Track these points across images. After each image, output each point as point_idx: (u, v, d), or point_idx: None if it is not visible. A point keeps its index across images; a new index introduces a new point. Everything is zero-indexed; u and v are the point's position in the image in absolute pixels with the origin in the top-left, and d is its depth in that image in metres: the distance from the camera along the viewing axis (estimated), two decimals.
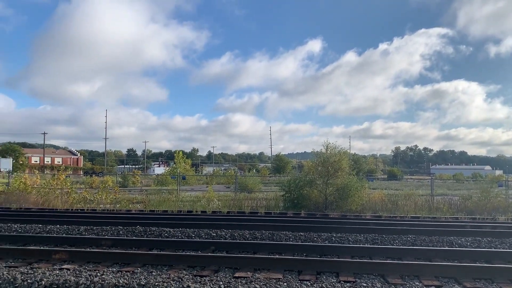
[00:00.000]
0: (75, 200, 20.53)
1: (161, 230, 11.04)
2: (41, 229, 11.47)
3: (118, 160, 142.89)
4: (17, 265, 7.35)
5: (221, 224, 11.88)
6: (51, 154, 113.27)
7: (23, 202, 19.34)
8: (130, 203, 21.04)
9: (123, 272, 6.88)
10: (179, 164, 51.84)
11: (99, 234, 10.87)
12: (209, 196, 21.41)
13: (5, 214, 14.91)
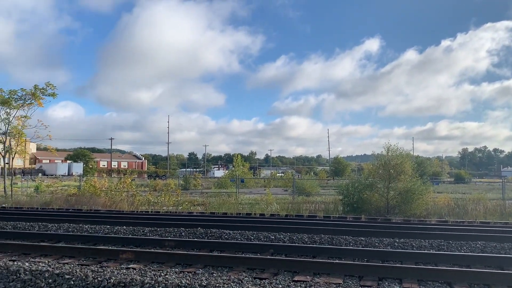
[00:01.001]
0: (140, 202, 21.45)
1: (221, 232, 11.24)
2: (109, 230, 12.09)
3: (180, 163, 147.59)
4: (88, 264, 7.81)
5: (279, 227, 11.88)
6: (118, 158, 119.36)
7: (93, 204, 20.51)
8: (192, 205, 21.62)
9: (186, 272, 7.08)
10: (237, 167, 52.61)
11: (163, 235, 11.27)
12: (267, 199, 21.50)
13: (77, 215, 15.90)
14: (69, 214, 16.44)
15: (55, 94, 26.66)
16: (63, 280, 6.69)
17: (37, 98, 26.02)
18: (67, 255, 8.55)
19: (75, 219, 14.02)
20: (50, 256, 8.55)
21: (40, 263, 7.62)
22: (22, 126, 26.38)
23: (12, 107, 25.69)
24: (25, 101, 26.01)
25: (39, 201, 22.45)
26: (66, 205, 20.58)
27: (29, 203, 21.72)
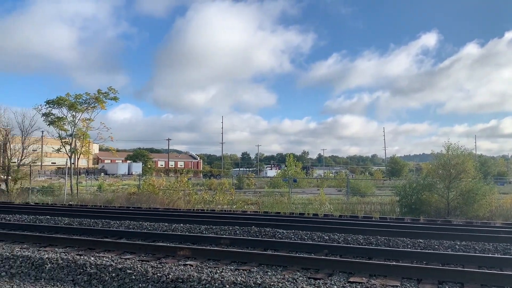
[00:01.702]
0: (196, 200, 22.03)
1: (275, 231, 11.31)
2: (167, 227, 12.53)
3: (233, 163, 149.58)
4: (148, 259, 8.14)
5: (333, 228, 11.75)
6: (175, 158, 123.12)
7: (152, 202, 21.32)
8: (245, 204, 21.89)
9: (241, 270, 7.20)
10: (290, 167, 52.52)
11: (218, 233, 11.51)
12: (321, 199, 21.31)
13: (137, 213, 16.60)
14: (129, 212, 17.20)
15: (116, 97, 28.08)
16: (125, 274, 7.04)
17: (100, 102, 27.49)
18: (128, 251, 8.98)
19: (135, 217, 14.65)
20: (113, 251, 9.01)
21: (104, 257, 8.05)
22: (87, 128, 27.99)
23: (77, 110, 27.32)
24: (89, 104, 27.58)
25: (102, 199, 23.65)
26: (127, 203, 21.55)
27: (93, 201, 22.96)
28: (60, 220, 14.33)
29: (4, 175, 29.08)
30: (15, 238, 10.46)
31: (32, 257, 7.93)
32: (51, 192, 28.67)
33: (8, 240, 10.29)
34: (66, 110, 27.47)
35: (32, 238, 10.32)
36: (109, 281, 7.00)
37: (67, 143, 28.01)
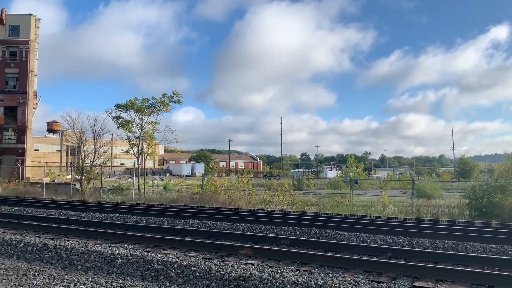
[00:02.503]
0: (256, 201, 22.28)
1: (336, 233, 11.19)
2: (229, 227, 12.82)
3: (293, 164, 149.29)
4: (211, 257, 8.39)
5: (397, 231, 11.41)
6: (235, 159, 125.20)
7: (214, 201, 21.87)
8: (305, 205, 21.80)
9: (301, 271, 7.22)
10: (351, 167, 51.49)
11: (278, 233, 11.59)
12: (384, 201, 20.72)
13: (201, 212, 17.11)
14: (193, 211, 17.77)
15: (180, 101, 29.16)
16: (190, 271, 7.31)
17: (165, 105, 28.68)
18: (192, 249, 9.30)
19: (199, 216, 15.11)
20: (178, 249, 9.37)
21: (170, 254, 8.41)
22: (153, 131, 29.30)
23: (144, 113, 28.69)
24: (155, 108, 28.86)
25: (167, 198, 24.61)
26: (191, 203, 22.26)
27: (159, 200, 23.97)
28: (129, 218, 15.12)
29: (79, 175, 31.15)
30: (89, 234, 11.19)
31: (105, 252, 8.45)
32: (120, 192, 30.28)
33: (83, 236, 11.04)
34: (134, 114, 28.98)
35: (104, 235, 10.99)
36: (174, 277, 7.31)
37: (135, 145, 29.49)
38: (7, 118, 52.05)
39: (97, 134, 31.84)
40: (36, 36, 54.39)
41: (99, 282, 7.13)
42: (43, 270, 8.01)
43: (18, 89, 52.00)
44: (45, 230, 12.00)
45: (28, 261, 8.83)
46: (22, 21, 53.10)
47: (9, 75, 52.45)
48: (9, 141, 52.05)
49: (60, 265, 8.41)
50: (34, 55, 53.74)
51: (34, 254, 9.05)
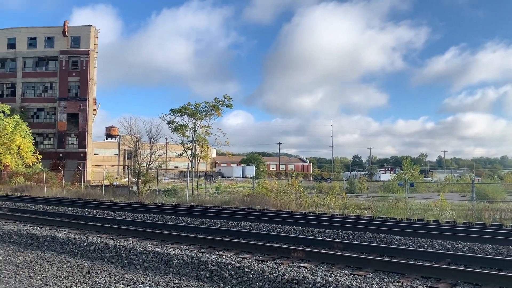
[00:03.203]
0: (307, 203, 22.15)
1: (391, 237, 10.90)
2: (281, 229, 12.83)
3: (344, 166, 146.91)
4: (263, 259, 8.45)
5: (456, 236, 10.94)
6: (285, 161, 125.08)
7: (265, 204, 21.98)
8: (358, 209, 21.40)
9: (356, 275, 7.10)
10: (406, 170, 49.86)
11: (331, 237, 11.47)
12: (441, 205, 19.91)
13: (252, 214, 17.26)
14: (245, 213, 17.96)
15: (231, 104, 29.66)
16: (243, 273, 7.40)
17: (217, 109, 29.28)
18: (245, 250, 9.41)
19: (250, 218, 15.25)
20: (231, 250, 9.52)
21: (223, 256, 8.55)
22: (206, 134, 29.97)
23: (197, 118, 29.44)
24: (207, 112, 29.53)
25: (220, 200, 25.05)
26: (242, 205, 22.51)
27: (212, 202, 24.44)
28: (183, 220, 15.54)
29: (135, 178, 32.42)
30: (146, 235, 11.62)
31: (161, 252, 8.74)
32: (174, 194, 31.19)
33: (140, 237, 11.48)
34: (188, 118, 29.81)
35: (161, 236, 11.37)
36: (228, 278, 7.43)
37: (189, 148, 30.29)
38: (70, 124, 55.16)
39: (153, 138, 33.03)
40: (95, 45, 57.29)
41: (156, 282, 7.39)
42: (105, 269, 8.41)
43: (79, 96, 54.99)
44: (105, 230, 12.60)
45: (90, 259, 9.31)
46: (82, 32, 56.16)
47: (71, 83, 55.61)
48: (71, 146, 55.12)
49: (120, 264, 8.80)
50: (93, 64, 56.64)
51: (96, 253, 9.52)
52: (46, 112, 56.30)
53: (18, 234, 11.72)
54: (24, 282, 7.43)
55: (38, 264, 8.80)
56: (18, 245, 11.06)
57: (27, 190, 35.89)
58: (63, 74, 55.25)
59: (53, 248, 10.38)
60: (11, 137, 43.74)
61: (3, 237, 11.86)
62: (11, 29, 57.14)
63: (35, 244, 10.88)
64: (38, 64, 56.63)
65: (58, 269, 8.39)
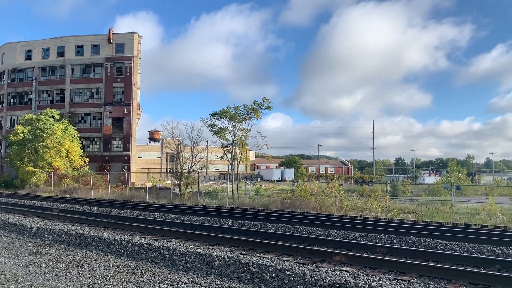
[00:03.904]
0: (348, 207, 21.81)
1: (436, 242, 10.57)
2: (321, 232, 12.73)
3: (386, 169, 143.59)
4: (304, 262, 8.42)
5: (507, 241, 10.46)
6: (325, 164, 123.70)
7: (305, 207, 21.84)
8: (401, 213, 20.85)
9: (399, 280, 6.94)
10: (452, 173, 48.10)
11: (373, 241, 11.26)
12: (490, 209, 19.07)
13: (292, 217, 17.21)
14: (284, 215, 17.94)
15: (270, 107, 29.74)
16: (284, 275, 7.39)
17: (256, 112, 29.45)
18: (285, 253, 9.40)
19: (290, 221, 15.22)
20: (272, 252, 9.54)
21: (264, 258, 8.59)
22: (245, 137, 30.21)
23: (237, 121, 29.73)
24: (246, 115, 29.76)
25: (259, 203, 25.13)
26: (282, 207, 22.48)
27: (252, 205, 24.56)
28: (224, 222, 15.72)
29: (177, 180, 33.10)
30: (188, 236, 11.85)
31: (203, 254, 8.88)
32: (215, 196, 31.57)
33: (183, 238, 11.72)
34: (227, 121, 30.15)
35: (202, 237, 11.56)
36: (269, 280, 7.45)
37: (229, 151, 30.62)
38: (115, 128, 57.08)
39: (194, 141, 33.64)
40: (138, 52, 59.06)
41: (199, 282, 7.52)
42: (149, 269, 8.65)
43: (124, 101, 56.82)
44: (149, 231, 12.95)
45: (135, 259, 9.60)
46: (126, 39, 58.06)
47: (116, 89, 57.57)
48: (116, 149, 57.01)
49: (163, 265, 9.01)
50: (137, 69, 58.37)
51: (141, 254, 9.81)
52: (93, 117, 58.56)
53: (68, 234, 12.26)
54: (74, 280, 7.77)
55: (87, 263, 9.17)
56: (68, 245, 11.57)
57: (75, 191, 37.46)
58: (108, 80, 57.30)
59: (100, 248, 10.78)
60: (61, 141, 45.83)
61: (54, 236, 12.44)
62: (60, 38, 59.89)
63: (84, 244, 11.34)
64: (85, 71, 59.05)
65: (105, 268, 8.71)
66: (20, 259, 9.61)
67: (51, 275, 8.11)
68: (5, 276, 7.93)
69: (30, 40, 61.89)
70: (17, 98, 61.60)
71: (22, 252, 10.56)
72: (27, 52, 61.08)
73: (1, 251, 10.61)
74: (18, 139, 45.77)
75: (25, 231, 13.59)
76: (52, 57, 59.53)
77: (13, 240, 12.38)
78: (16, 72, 61.59)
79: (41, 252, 10.52)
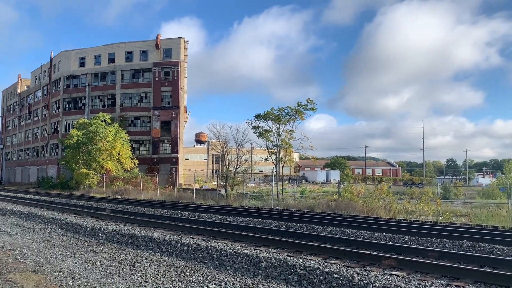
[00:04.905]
0: (397, 210, 21.22)
1: (492, 247, 10.10)
2: (369, 235, 12.47)
3: (437, 170, 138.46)
4: (352, 266, 8.28)
5: None
6: (372, 166, 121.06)
7: (351, 209, 21.48)
8: (453, 216, 20.06)
9: (453, 286, 6.69)
10: (508, 174, 45.62)
11: (424, 245, 10.91)
12: None
13: (338, 219, 16.97)
14: (330, 218, 17.72)
15: (314, 108, 29.52)
16: (332, 278, 7.31)
17: (300, 113, 29.31)
18: (333, 256, 9.29)
19: (337, 223, 15.02)
20: (319, 255, 9.46)
21: (311, 260, 8.54)
22: (289, 139, 30.13)
23: (281, 122, 29.73)
24: (291, 116, 29.69)
25: (305, 205, 24.97)
26: (328, 210, 22.23)
27: (297, 206, 24.45)
28: (270, 223, 15.75)
29: (223, 182, 33.55)
30: (235, 237, 11.98)
31: (250, 255, 8.95)
32: (260, 197, 31.70)
33: (230, 239, 11.86)
34: (271, 123, 30.21)
35: (249, 238, 11.64)
36: (317, 283, 7.39)
37: (273, 153, 30.66)
38: (163, 131, 58.66)
39: (239, 143, 33.96)
40: (185, 56, 60.40)
41: (246, 283, 7.58)
42: (198, 269, 8.83)
43: (171, 105, 58.28)
44: (197, 232, 13.21)
45: (184, 259, 9.82)
46: (173, 44, 59.55)
47: (164, 93, 59.15)
48: (164, 151, 58.55)
49: (211, 265, 9.17)
50: (183, 73, 59.71)
51: (189, 254, 10.02)
52: (142, 120, 60.47)
53: (120, 234, 12.73)
54: (126, 278, 8.06)
55: (138, 262, 9.49)
56: (120, 244, 12.02)
57: (125, 193, 38.83)
58: (157, 84, 58.98)
59: (150, 248, 11.12)
60: (112, 144, 47.67)
61: (107, 236, 12.97)
62: (111, 45, 62.35)
63: (135, 243, 11.74)
64: (134, 76, 61.10)
65: (155, 267, 8.97)
66: (76, 257, 10.09)
67: (105, 273, 8.46)
68: (63, 272, 8.36)
69: (83, 48, 64.84)
70: (71, 103, 64.71)
71: (78, 250, 11.08)
72: (80, 60, 64.05)
73: (59, 249, 11.19)
74: (73, 142, 48.07)
75: (81, 230, 14.25)
76: (103, 64, 62.10)
77: (69, 239, 13.03)
78: (71, 78, 64.73)
79: (95, 250, 11.00)
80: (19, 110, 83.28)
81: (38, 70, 75.33)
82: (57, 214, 18.64)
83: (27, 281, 7.69)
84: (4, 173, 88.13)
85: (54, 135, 66.54)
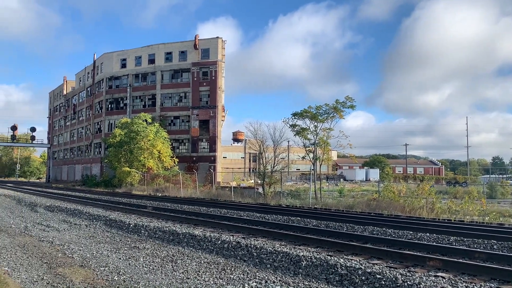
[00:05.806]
0: (440, 209, 20.58)
1: None
2: (412, 236, 12.16)
3: (482, 169, 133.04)
4: (395, 267, 8.10)
5: None
6: (413, 164, 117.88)
7: (392, 209, 21.00)
8: (501, 216, 19.23)
9: None
10: None
11: (470, 246, 10.53)
12: None
13: (379, 219, 16.64)
14: (371, 217, 17.41)
15: (353, 106, 29.05)
16: (375, 279, 7.18)
17: (338, 111, 28.91)
18: (375, 256, 9.12)
19: (378, 223, 14.73)
20: (360, 255, 9.31)
21: (352, 260, 8.42)
22: (327, 137, 29.81)
23: (318, 120, 29.45)
24: (328, 114, 29.35)
25: (343, 204, 24.63)
26: (368, 209, 21.83)
27: (336, 205, 24.16)
28: (308, 222, 15.66)
29: (261, 180, 33.63)
30: (274, 235, 11.99)
31: (290, 253, 8.93)
32: (297, 196, 31.56)
33: (269, 237, 11.88)
34: (309, 121, 29.97)
35: (288, 237, 11.62)
36: (359, 283, 7.28)
37: (310, 151, 30.43)
38: (201, 130, 59.50)
39: (276, 141, 33.93)
40: (222, 56, 60.96)
41: (287, 282, 7.58)
42: (238, 266, 8.90)
43: (209, 104, 59.01)
44: (236, 229, 13.31)
45: (225, 256, 9.93)
46: (210, 44, 60.24)
47: (202, 92, 59.97)
48: (203, 150, 59.38)
49: (251, 263, 9.22)
50: (221, 73, 60.29)
51: (230, 251, 10.12)
52: (181, 120, 61.55)
53: (161, 231, 13.03)
54: (169, 274, 8.24)
55: (180, 259, 9.67)
56: (162, 241, 12.30)
57: (166, 190, 39.69)
58: (195, 84, 59.86)
59: (191, 245, 11.31)
60: (153, 143, 48.85)
61: (149, 233, 13.30)
62: (151, 46, 63.81)
63: (176, 240, 11.98)
64: (173, 76, 62.27)
65: (197, 264, 9.12)
66: (120, 253, 10.41)
67: (148, 269, 8.68)
68: (108, 268, 8.66)
69: (124, 50, 66.74)
70: (114, 103, 66.76)
71: (122, 246, 11.43)
72: (122, 61, 65.96)
73: (104, 245, 11.58)
74: (116, 141, 49.62)
75: (124, 227, 14.69)
76: (144, 64, 63.67)
77: (114, 235, 13.45)
78: (113, 79, 66.80)
79: (138, 247, 11.31)
80: (65, 111, 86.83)
81: (82, 71, 78.22)
82: (101, 211, 19.29)
83: (75, 275, 8.01)
84: (52, 172, 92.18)
85: (97, 134, 68.93)
